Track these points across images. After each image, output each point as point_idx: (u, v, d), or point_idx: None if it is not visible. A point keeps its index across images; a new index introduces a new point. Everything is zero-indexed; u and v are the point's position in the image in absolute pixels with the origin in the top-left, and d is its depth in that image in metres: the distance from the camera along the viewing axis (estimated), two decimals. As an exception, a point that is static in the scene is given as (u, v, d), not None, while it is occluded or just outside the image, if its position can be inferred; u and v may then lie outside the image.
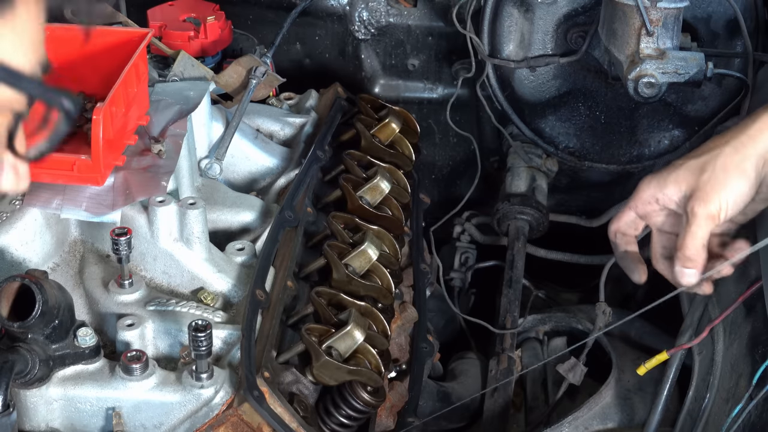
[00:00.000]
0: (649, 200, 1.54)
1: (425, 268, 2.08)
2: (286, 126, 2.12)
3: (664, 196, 1.52)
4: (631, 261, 1.61)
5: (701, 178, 1.47)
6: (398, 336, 1.88)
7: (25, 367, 1.45)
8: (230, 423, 1.50)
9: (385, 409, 1.73)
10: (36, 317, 1.42)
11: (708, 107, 2.28)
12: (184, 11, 2.22)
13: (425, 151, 2.55)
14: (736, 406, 1.45)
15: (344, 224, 1.83)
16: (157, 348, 1.60)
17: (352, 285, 1.73)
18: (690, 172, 1.48)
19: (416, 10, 2.54)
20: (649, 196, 1.54)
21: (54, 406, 1.53)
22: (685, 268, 1.48)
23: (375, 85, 2.61)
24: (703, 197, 1.45)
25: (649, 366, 1.58)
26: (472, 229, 2.53)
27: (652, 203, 1.54)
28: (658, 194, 1.52)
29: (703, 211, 1.45)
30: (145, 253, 1.67)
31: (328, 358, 1.57)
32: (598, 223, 2.45)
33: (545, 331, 2.17)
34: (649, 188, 1.54)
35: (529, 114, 2.39)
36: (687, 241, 1.47)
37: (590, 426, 1.87)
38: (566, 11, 2.27)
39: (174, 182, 1.76)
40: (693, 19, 2.17)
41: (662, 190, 1.52)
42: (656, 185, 1.53)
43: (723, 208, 1.45)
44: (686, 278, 1.49)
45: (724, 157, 1.46)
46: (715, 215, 1.45)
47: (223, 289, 1.68)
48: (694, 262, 1.47)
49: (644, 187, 1.55)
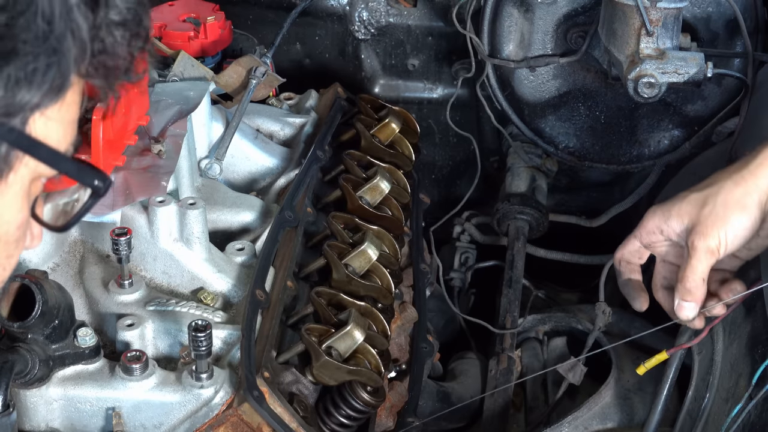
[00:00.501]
0: (653, 230, 1.55)
1: (425, 268, 2.08)
2: (286, 126, 2.12)
3: (668, 227, 1.53)
4: (632, 289, 1.62)
5: (702, 212, 1.47)
6: (398, 336, 1.88)
7: (25, 367, 1.45)
8: (230, 423, 1.50)
9: (384, 409, 1.73)
10: (36, 317, 1.42)
11: (708, 107, 2.28)
12: (184, 11, 2.22)
13: (425, 151, 2.55)
14: (736, 405, 1.46)
15: (344, 224, 1.83)
16: (157, 348, 1.60)
17: (352, 285, 1.73)
18: (692, 206, 1.49)
19: (416, 10, 2.54)
20: (654, 227, 1.55)
21: (54, 406, 1.53)
22: (684, 301, 1.50)
23: (375, 85, 2.62)
24: (703, 231, 1.46)
25: (649, 366, 1.58)
26: (472, 229, 2.53)
27: (657, 234, 1.55)
28: (662, 225, 1.53)
29: (703, 245, 1.46)
30: (145, 253, 1.67)
31: (328, 358, 1.57)
32: (598, 223, 2.45)
33: (545, 331, 2.17)
34: (653, 219, 1.55)
35: (529, 114, 2.39)
36: (687, 273, 1.48)
37: (590, 426, 1.87)
38: (566, 11, 2.27)
39: (174, 182, 1.76)
40: (693, 19, 2.17)
41: (666, 222, 1.53)
42: (660, 216, 1.54)
43: (723, 243, 1.46)
44: (684, 311, 1.50)
45: (725, 192, 1.46)
46: (714, 250, 1.46)
47: (223, 289, 1.68)
48: (693, 295, 1.49)
49: (649, 218, 1.56)
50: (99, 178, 0.98)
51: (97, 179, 0.98)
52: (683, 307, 1.50)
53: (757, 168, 1.45)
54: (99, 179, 0.98)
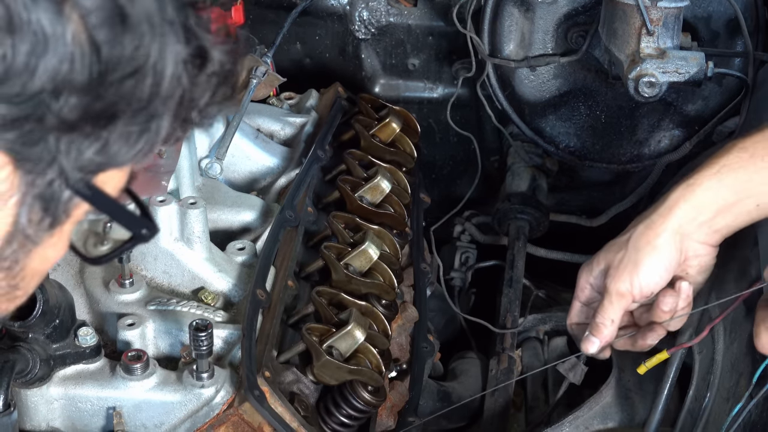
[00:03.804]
0: (584, 287, 1.61)
1: (425, 267, 2.08)
2: (287, 126, 2.12)
3: (594, 280, 1.59)
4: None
5: (616, 257, 1.53)
6: (399, 335, 1.88)
7: (26, 366, 1.45)
8: (231, 422, 1.50)
9: (385, 408, 1.73)
10: (37, 317, 1.42)
11: (708, 107, 2.28)
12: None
13: (425, 151, 2.55)
14: (737, 405, 1.46)
15: (345, 224, 1.83)
16: (157, 347, 1.60)
17: (353, 284, 1.73)
18: (609, 252, 1.55)
19: (416, 9, 2.54)
20: (584, 283, 1.61)
21: (55, 405, 1.53)
22: (592, 335, 1.56)
23: (375, 85, 2.61)
24: (614, 275, 1.52)
25: (650, 365, 1.58)
26: (472, 228, 2.53)
27: (589, 289, 1.61)
28: (590, 279, 1.59)
29: (614, 288, 1.52)
30: (145, 253, 1.67)
31: (328, 358, 1.57)
32: (599, 222, 2.44)
33: (546, 331, 2.17)
34: (582, 275, 1.61)
35: (530, 113, 2.39)
36: (597, 311, 1.54)
37: (591, 425, 1.87)
38: (566, 11, 2.27)
39: (174, 182, 1.77)
40: (693, 19, 2.17)
41: (591, 274, 1.59)
42: (587, 270, 1.60)
43: (636, 286, 1.50)
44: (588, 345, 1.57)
45: (636, 236, 1.51)
46: (624, 293, 1.51)
47: (224, 288, 1.68)
48: (600, 333, 1.55)
49: (579, 275, 1.62)
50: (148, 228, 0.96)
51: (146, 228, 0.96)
52: (589, 341, 1.57)
53: (667, 210, 1.49)
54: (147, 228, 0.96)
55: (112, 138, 0.84)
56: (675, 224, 1.49)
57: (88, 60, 0.79)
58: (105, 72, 0.80)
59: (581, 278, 1.62)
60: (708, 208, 1.49)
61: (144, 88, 0.83)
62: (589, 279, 1.60)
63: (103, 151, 0.84)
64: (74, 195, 0.87)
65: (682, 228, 1.49)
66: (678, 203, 1.49)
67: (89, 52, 0.79)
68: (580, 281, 1.62)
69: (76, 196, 0.88)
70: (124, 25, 0.80)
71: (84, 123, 0.82)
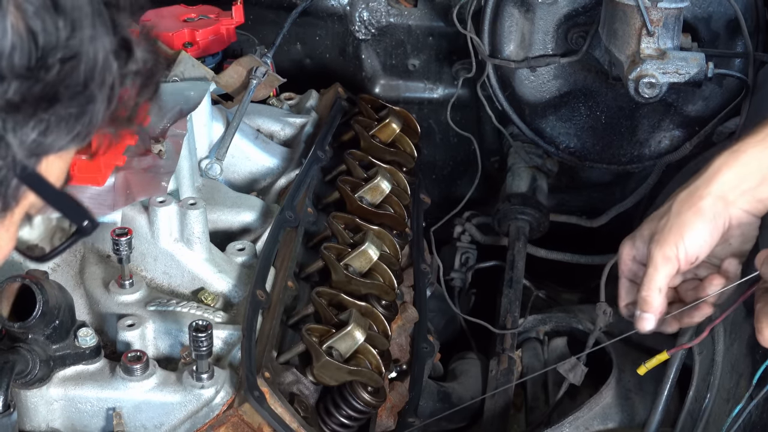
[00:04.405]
0: (627, 260, 1.56)
1: (426, 268, 2.08)
2: (287, 126, 2.12)
3: (638, 251, 1.54)
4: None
5: (659, 223, 1.49)
6: (399, 336, 1.88)
7: (26, 367, 1.45)
8: (231, 423, 1.50)
9: (385, 409, 1.73)
10: (36, 317, 1.42)
11: (708, 107, 2.28)
12: (184, 12, 2.22)
13: (426, 152, 2.55)
14: (737, 406, 1.46)
15: (345, 224, 1.83)
16: (157, 348, 1.60)
17: (353, 285, 1.73)
18: (652, 222, 1.51)
19: (417, 10, 2.54)
20: (626, 255, 1.56)
21: (54, 406, 1.53)
22: (643, 311, 1.50)
23: (375, 85, 2.62)
24: (659, 240, 1.47)
25: (650, 366, 1.58)
26: (472, 229, 2.53)
27: (632, 261, 1.56)
28: (633, 252, 1.55)
29: (659, 254, 1.47)
30: (145, 254, 1.67)
31: (328, 359, 1.57)
32: (599, 223, 2.45)
33: (546, 332, 2.17)
34: (624, 249, 1.56)
35: (530, 114, 2.39)
36: (644, 283, 1.49)
37: (591, 426, 1.87)
38: (567, 11, 2.27)
39: (174, 182, 1.76)
40: (693, 19, 2.17)
41: (634, 247, 1.55)
42: (629, 244, 1.56)
43: (681, 251, 1.46)
44: (643, 323, 1.51)
45: (679, 202, 1.48)
46: (671, 257, 1.46)
47: (224, 289, 1.68)
48: (650, 305, 1.49)
49: (621, 249, 1.57)
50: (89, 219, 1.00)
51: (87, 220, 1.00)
52: (643, 318, 1.50)
53: (712, 175, 1.46)
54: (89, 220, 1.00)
55: (53, 120, 0.90)
56: (718, 190, 1.45)
57: (27, 47, 0.86)
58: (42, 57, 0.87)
59: (623, 252, 1.56)
60: (752, 175, 1.46)
61: (80, 73, 0.90)
62: (632, 251, 1.55)
63: (46, 133, 0.90)
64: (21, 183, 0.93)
65: (726, 195, 1.46)
66: (722, 170, 1.46)
67: (27, 39, 0.86)
68: (623, 255, 1.56)
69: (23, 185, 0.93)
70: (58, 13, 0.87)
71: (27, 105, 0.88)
